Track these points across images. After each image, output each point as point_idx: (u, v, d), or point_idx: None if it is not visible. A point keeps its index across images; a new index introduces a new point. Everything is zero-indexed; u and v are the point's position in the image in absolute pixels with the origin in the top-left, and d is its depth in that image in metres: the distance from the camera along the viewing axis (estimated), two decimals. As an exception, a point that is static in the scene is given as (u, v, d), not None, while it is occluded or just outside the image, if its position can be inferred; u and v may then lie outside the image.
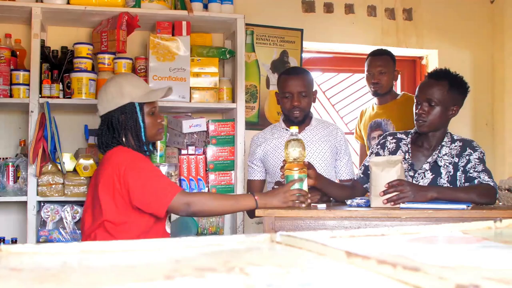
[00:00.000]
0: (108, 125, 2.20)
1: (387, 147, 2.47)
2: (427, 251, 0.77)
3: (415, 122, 2.35)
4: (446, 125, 2.37)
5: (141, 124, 2.18)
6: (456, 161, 2.31)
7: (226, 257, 0.72)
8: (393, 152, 2.42)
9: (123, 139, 2.19)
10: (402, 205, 2.06)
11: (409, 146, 2.41)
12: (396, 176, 2.09)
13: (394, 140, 2.46)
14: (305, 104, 2.54)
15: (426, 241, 0.85)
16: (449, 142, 2.35)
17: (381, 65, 3.12)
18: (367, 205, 2.12)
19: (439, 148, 2.34)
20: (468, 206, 2.03)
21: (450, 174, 2.31)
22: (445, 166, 2.31)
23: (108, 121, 2.20)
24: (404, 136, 2.46)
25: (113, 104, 2.19)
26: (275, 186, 2.31)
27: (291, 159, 2.11)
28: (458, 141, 2.36)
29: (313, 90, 2.59)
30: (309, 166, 2.21)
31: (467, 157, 2.30)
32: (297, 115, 2.54)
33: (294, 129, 2.15)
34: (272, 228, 1.97)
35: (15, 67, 2.99)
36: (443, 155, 2.33)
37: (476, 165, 2.27)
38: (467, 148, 2.32)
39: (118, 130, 2.19)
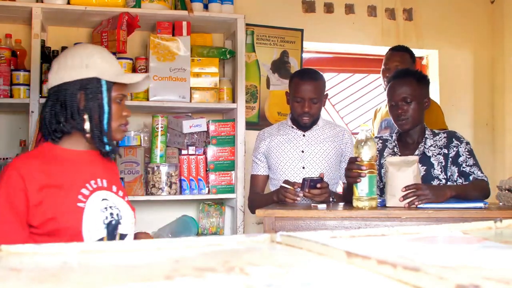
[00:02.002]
0: (59, 103, 1.61)
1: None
2: (427, 251, 0.77)
3: (396, 124, 2.41)
4: (423, 119, 2.45)
5: (106, 108, 1.61)
6: (446, 152, 2.37)
7: (226, 257, 0.72)
8: (380, 151, 2.47)
9: (82, 124, 1.61)
10: (420, 205, 2.06)
11: (395, 142, 2.47)
12: (412, 176, 2.10)
13: (381, 141, 2.54)
14: (315, 110, 2.54)
15: (426, 241, 0.85)
16: (431, 135, 2.42)
17: (399, 61, 3.07)
18: (383, 204, 2.12)
19: (423, 140, 2.40)
20: (485, 204, 2.06)
21: (442, 165, 2.36)
22: (435, 157, 2.37)
23: (58, 97, 1.61)
24: (389, 137, 2.54)
25: (73, 74, 1.60)
26: (283, 184, 2.32)
27: (365, 159, 2.13)
28: (441, 133, 2.43)
29: (324, 93, 2.59)
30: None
31: (455, 148, 2.36)
32: (306, 121, 2.55)
33: (365, 127, 2.19)
34: (272, 228, 1.97)
35: (15, 67, 2.99)
36: (429, 146, 2.39)
37: (467, 159, 2.33)
38: (453, 139, 2.39)
39: (72, 112, 1.60)
